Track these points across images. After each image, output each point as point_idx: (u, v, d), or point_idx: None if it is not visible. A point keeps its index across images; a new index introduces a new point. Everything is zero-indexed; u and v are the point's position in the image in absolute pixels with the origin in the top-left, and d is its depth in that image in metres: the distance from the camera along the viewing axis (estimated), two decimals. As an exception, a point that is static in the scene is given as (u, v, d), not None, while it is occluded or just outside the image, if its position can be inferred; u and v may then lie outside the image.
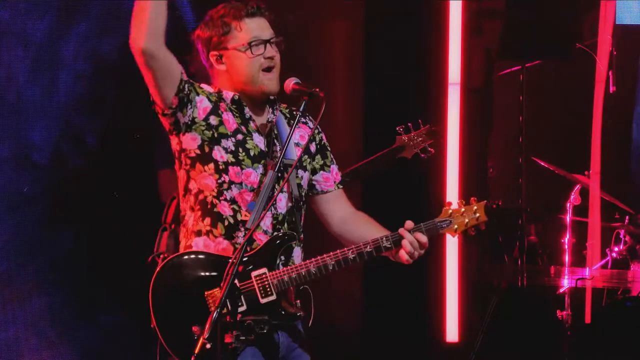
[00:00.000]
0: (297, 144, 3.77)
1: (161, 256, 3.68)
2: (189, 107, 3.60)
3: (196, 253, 3.60)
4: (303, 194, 3.76)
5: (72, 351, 5.64)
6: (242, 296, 3.50)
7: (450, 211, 3.66)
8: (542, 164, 6.39)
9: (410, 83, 6.83)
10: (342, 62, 6.90)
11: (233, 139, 3.63)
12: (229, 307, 3.30)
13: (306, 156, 3.80)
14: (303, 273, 3.54)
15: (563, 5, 6.78)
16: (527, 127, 6.79)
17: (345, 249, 3.58)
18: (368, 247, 3.58)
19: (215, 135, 3.61)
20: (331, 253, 3.57)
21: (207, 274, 3.54)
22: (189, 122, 3.62)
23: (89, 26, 5.56)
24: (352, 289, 6.81)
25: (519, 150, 6.78)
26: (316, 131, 3.85)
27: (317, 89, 3.60)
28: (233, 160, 3.61)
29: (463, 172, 6.79)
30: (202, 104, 3.63)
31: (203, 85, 3.73)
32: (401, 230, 3.61)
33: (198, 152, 3.63)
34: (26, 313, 5.54)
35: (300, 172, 3.75)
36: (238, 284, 3.49)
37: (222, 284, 3.33)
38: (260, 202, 3.41)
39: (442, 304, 6.76)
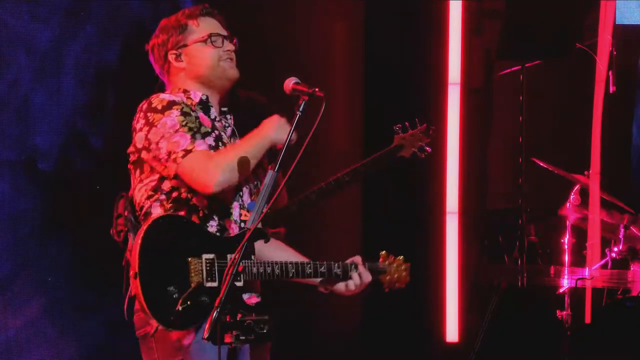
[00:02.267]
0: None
1: (123, 216, 3.69)
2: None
3: (182, 217, 3.62)
4: None
5: (73, 349, 5.66)
6: (216, 273, 3.54)
7: (388, 262, 3.82)
8: (542, 164, 6.39)
9: (410, 83, 6.83)
10: (342, 62, 6.91)
11: (214, 134, 3.69)
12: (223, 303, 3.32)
13: None
14: (268, 270, 3.60)
15: (563, 6, 6.78)
16: (527, 127, 6.80)
17: (305, 262, 3.68)
18: (322, 267, 3.72)
19: (202, 131, 3.66)
20: (293, 262, 3.66)
21: (192, 240, 3.56)
22: None
23: (91, 31, 5.57)
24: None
25: (519, 150, 6.78)
26: None
27: (317, 89, 3.60)
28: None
29: (463, 172, 6.80)
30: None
31: (164, 94, 3.73)
32: (351, 263, 3.74)
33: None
34: (28, 312, 5.56)
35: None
36: (217, 261, 3.54)
37: (222, 284, 3.34)
38: (260, 201, 3.42)
39: (442, 304, 6.76)
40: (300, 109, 3.55)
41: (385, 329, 6.72)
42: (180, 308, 3.47)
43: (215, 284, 3.52)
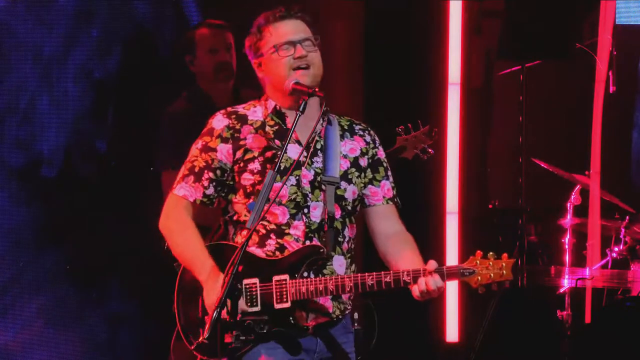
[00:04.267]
0: (344, 156, 3.74)
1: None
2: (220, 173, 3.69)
3: (232, 246, 3.64)
4: (347, 206, 3.71)
5: (72, 350, 5.67)
6: (258, 297, 3.53)
7: (477, 261, 3.52)
8: (543, 165, 6.39)
9: (410, 83, 6.83)
10: (342, 62, 6.90)
11: (261, 158, 3.64)
12: (229, 307, 3.32)
13: (354, 169, 3.75)
14: (320, 288, 3.53)
15: (563, 5, 6.78)
16: (527, 127, 6.79)
17: (367, 274, 3.54)
18: (388, 277, 3.53)
19: (242, 165, 3.65)
20: (352, 275, 3.58)
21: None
22: (226, 172, 3.70)
23: (96, 36, 5.58)
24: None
25: (519, 150, 6.77)
26: (371, 146, 3.82)
27: (317, 89, 3.61)
28: (260, 179, 3.61)
29: (463, 172, 6.80)
30: (223, 152, 3.67)
31: (219, 115, 3.73)
32: (423, 268, 3.53)
33: (231, 182, 3.68)
34: (27, 314, 5.58)
35: (343, 184, 3.70)
36: (259, 285, 3.54)
37: (221, 284, 3.34)
38: (260, 202, 3.41)
39: (442, 304, 6.76)
40: (300, 109, 3.55)
41: (385, 328, 6.71)
42: (206, 335, 3.43)
43: (257, 309, 3.52)
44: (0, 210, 5.50)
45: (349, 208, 3.72)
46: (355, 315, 3.66)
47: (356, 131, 3.82)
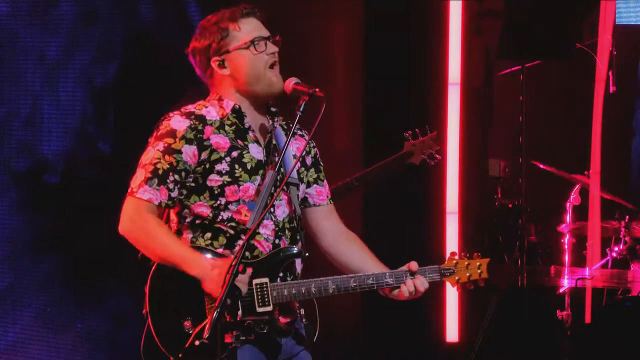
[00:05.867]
0: (294, 156, 3.73)
1: None
2: (185, 175, 3.60)
3: (201, 249, 3.58)
4: (300, 205, 3.74)
5: (74, 346, 5.70)
6: (239, 301, 3.48)
7: (455, 261, 3.67)
8: (542, 166, 6.40)
9: (410, 83, 6.83)
10: (342, 62, 6.91)
11: (228, 159, 3.59)
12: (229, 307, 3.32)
13: (303, 169, 3.77)
14: (303, 291, 3.54)
15: (563, 6, 6.79)
16: (527, 127, 6.80)
17: (348, 276, 3.57)
18: (370, 279, 3.57)
19: (207, 166, 3.58)
20: (335, 277, 3.57)
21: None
22: (190, 174, 3.61)
23: (97, 40, 5.60)
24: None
25: (519, 150, 6.78)
26: (312, 145, 3.82)
27: (317, 89, 3.60)
28: (229, 180, 3.57)
29: (463, 172, 6.80)
30: (188, 154, 3.57)
31: (177, 116, 3.65)
32: (406, 270, 3.61)
33: (193, 184, 3.60)
34: (32, 311, 5.60)
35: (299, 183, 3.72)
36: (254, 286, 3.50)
37: (222, 284, 3.34)
38: (260, 202, 3.41)
39: (442, 304, 6.76)
40: (301, 109, 3.54)
41: (385, 328, 6.71)
42: (197, 343, 3.45)
43: (239, 312, 3.46)
44: (3, 213, 5.51)
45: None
46: (302, 311, 3.66)
47: (295, 130, 3.74)
